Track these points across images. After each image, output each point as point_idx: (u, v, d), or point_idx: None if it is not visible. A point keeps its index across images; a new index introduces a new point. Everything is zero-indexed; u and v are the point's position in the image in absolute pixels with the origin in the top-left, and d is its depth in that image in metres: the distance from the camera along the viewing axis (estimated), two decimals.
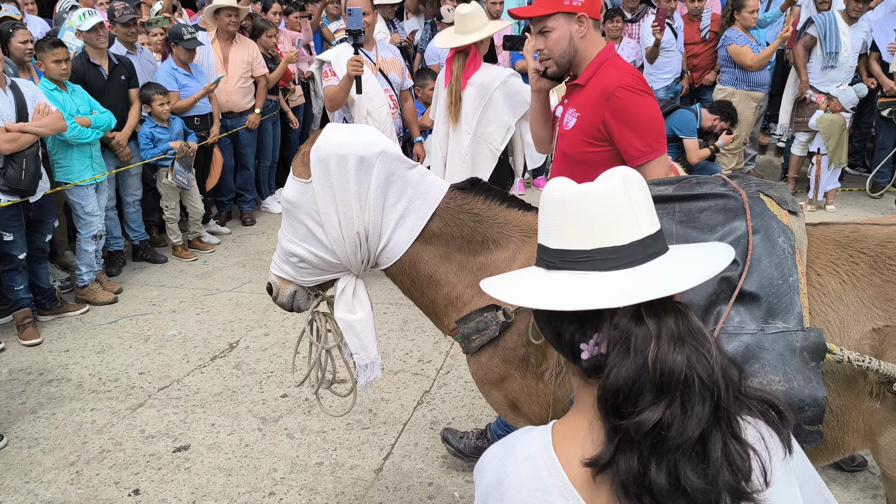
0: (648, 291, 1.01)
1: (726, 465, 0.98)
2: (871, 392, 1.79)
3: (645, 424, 0.97)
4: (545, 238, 1.13)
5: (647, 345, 0.99)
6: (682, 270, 1.07)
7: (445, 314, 2.20)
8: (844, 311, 1.80)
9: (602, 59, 2.53)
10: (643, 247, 1.07)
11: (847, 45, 6.57)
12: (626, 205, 1.07)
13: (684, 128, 5.79)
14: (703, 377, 0.99)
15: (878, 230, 1.88)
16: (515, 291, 1.14)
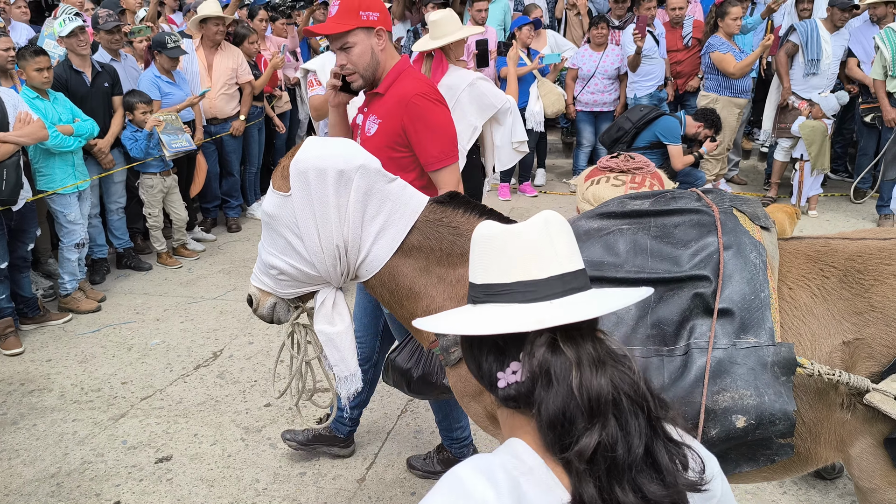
0: (562, 317, 1.05)
1: (679, 468, 1.03)
2: (843, 404, 1.82)
3: (585, 451, 1.00)
4: (472, 275, 1.19)
5: (569, 373, 1.03)
6: (599, 302, 1.11)
7: None
8: (815, 325, 1.82)
9: (399, 69, 2.71)
10: (562, 282, 1.11)
11: (828, 52, 6.64)
12: (545, 242, 1.12)
13: (668, 134, 5.82)
14: (630, 394, 1.03)
15: (847, 244, 1.91)
16: (437, 323, 1.19)
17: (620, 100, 7.67)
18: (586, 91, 7.53)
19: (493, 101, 4.55)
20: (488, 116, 4.62)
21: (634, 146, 5.86)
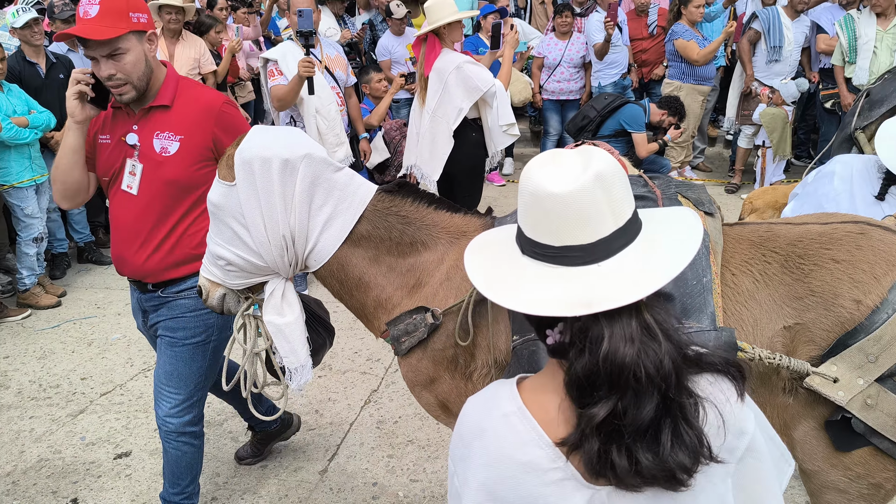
0: (606, 301, 1.08)
1: (678, 447, 1.08)
2: (785, 388, 1.84)
3: (595, 418, 1.08)
4: (522, 222, 1.18)
5: (600, 345, 1.08)
6: (649, 269, 1.12)
7: (375, 316, 2.20)
8: (757, 310, 1.84)
9: (174, 76, 2.50)
10: (610, 242, 1.12)
11: (790, 39, 6.71)
12: (595, 205, 1.11)
13: (633, 122, 5.85)
14: (650, 373, 1.07)
15: (789, 229, 1.93)
16: (488, 282, 1.20)
17: (586, 88, 7.68)
18: (552, 80, 7.53)
19: (479, 85, 4.67)
20: (475, 99, 4.73)
21: (600, 134, 5.90)
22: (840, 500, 1.92)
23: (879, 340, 1.72)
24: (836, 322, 1.76)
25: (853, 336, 1.74)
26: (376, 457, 3.50)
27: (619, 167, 1.14)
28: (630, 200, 1.16)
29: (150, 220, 2.53)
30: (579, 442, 1.10)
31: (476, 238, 1.32)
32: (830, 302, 1.77)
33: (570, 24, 7.36)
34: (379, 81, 6.00)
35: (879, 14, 5.73)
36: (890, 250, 1.80)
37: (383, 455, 3.50)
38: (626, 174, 1.16)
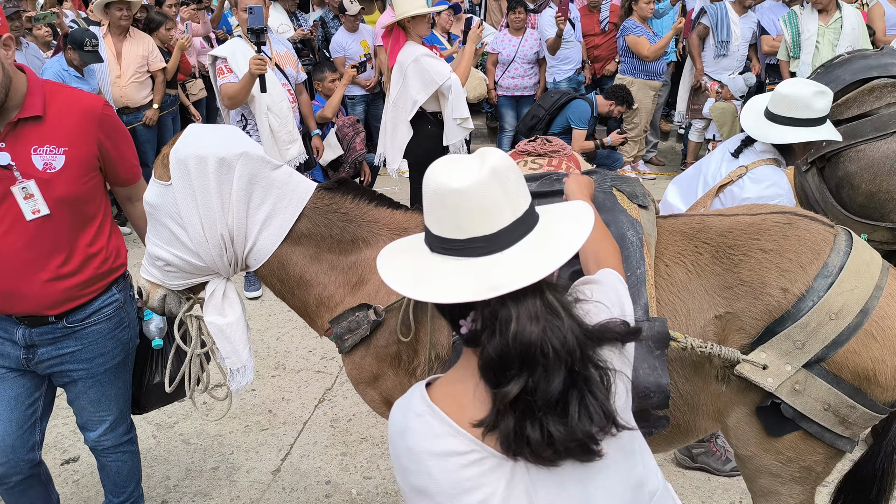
0: (510, 283, 1.16)
1: (585, 417, 1.16)
2: (717, 376, 1.88)
3: (508, 395, 1.15)
4: (428, 222, 1.25)
5: (508, 325, 1.16)
6: (547, 251, 1.21)
7: (318, 315, 2.20)
8: (690, 300, 1.88)
9: (38, 81, 2.20)
10: (512, 229, 1.21)
11: (737, 34, 6.84)
12: (494, 196, 1.19)
13: (575, 118, 5.95)
14: (556, 347, 1.15)
15: (720, 220, 1.97)
16: (401, 279, 1.27)
17: (540, 84, 7.74)
18: (507, 76, 7.56)
19: (435, 78, 4.80)
20: (430, 91, 4.85)
21: (550, 132, 5.95)
22: (773, 484, 1.98)
23: (806, 327, 1.77)
24: (765, 310, 1.81)
25: (781, 324, 1.79)
26: (330, 455, 3.49)
27: (513, 163, 1.23)
28: (525, 194, 1.24)
29: (45, 246, 2.23)
30: (495, 421, 1.17)
31: (387, 245, 1.38)
32: (759, 291, 1.82)
33: (523, 20, 7.40)
34: (332, 81, 5.98)
35: (821, 10, 5.88)
36: (815, 239, 1.86)
37: (337, 453, 3.50)
38: (517, 169, 1.23)
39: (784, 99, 2.83)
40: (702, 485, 3.19)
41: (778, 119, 2.84)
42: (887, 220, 2.85)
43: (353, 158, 6.05)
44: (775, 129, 2.84)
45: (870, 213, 2.89)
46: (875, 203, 2.86)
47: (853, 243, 1.86)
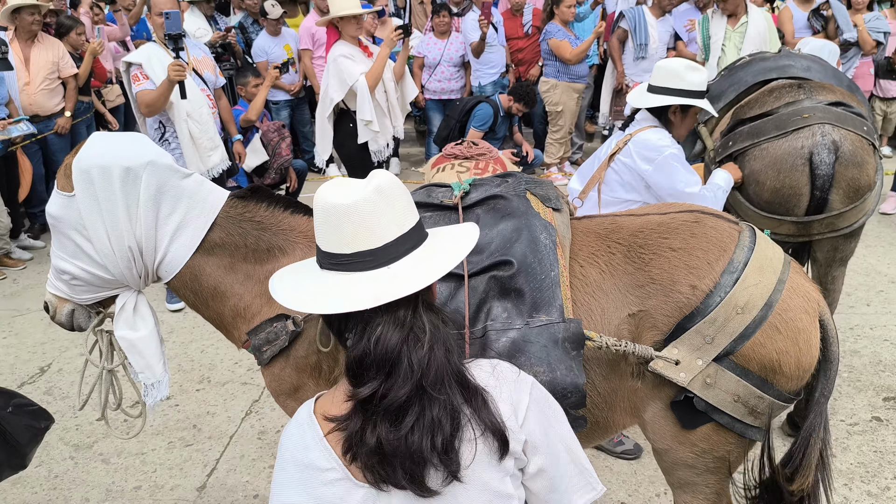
0: (391, 293, 1.21)
1: (418, 434, 1.19)
2: (633, 373, 1.92)
3: (360, 395, 1.21)
4: (318, 239, 1.30)
5: (375, 330, 1.22)
6: (430, 265, 1.27)
7: (235, 326, 2.14)
8: (605, 300, 1.91)
9: None
10: (398, 245, 1.26)
11: (655, 37, 7.04)
12: (379, 212, 1.24)
13: (476, 121, 6.13)
14: (412, 360, 1.20)
15: (632, 220, 2.01)
16: (287, 294, 1.31)
17: (466, 87, 7.78)
18: (433, 79, 7.58)
19: (346, 78, 4.94)
20: (344, 91, 4.98)
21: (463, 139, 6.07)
22: (689, 475, 2.03)
23: (714, 322, 1.82)
24: (676, 307, 1.85)
25: (691, 320, 1.84)
26: (257, 468, 3.41)
27: (399, 183, 1.28)
28: (412, 212, 1.30)
29: None
30: (346, 421, 1.22)
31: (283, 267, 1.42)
32: (669, 288, 1.86)
33: (447, 23, 7.43)
34: (255, 86, 5.88)
35: (730, 14, 6.09)
36: (721, 237, 1.91)
37: (265, 466, 3.42)
38: (405, 190, 1.28)
39: (660, 70, 3.12)
40: (628, 478, 3.25)
41: (655, 89, 3.13)
42: (792, 215, 2.98)
43: (278, 164, 5.96)
44: (653, 96, 3.13)
45: (775, 208, 3.01)
46: (780, 199, 2.99)
47: (756, 239, 1.92)
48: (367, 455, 1.19)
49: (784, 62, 3.39)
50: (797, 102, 3.07)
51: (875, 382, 3.93)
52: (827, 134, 2.93)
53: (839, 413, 3.67)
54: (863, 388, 3.87)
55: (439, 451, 1.19)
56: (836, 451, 3.40)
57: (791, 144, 2.95)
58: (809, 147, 2.92)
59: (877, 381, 3.94)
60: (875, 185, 2.97)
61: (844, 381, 3.94)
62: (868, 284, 5.12)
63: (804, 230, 3.02)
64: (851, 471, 3.26)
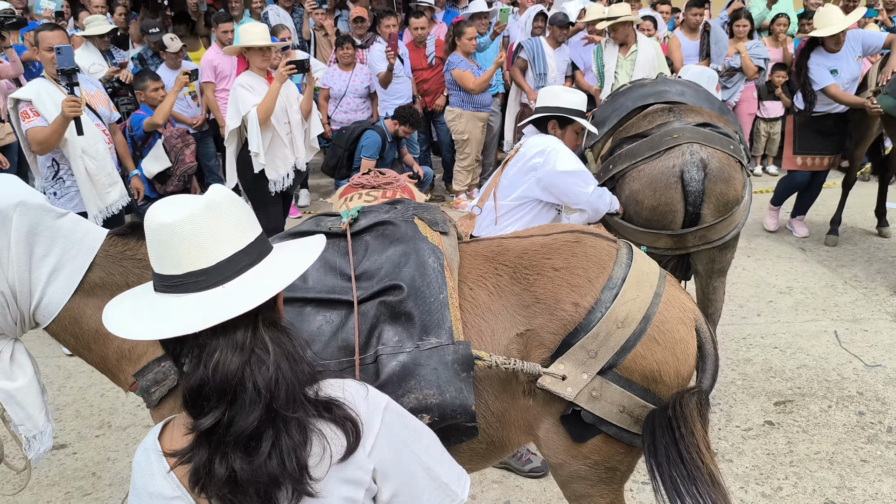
0: (221, 314, 1.15)
1: (274, 458, 1.14)
2: (524, 391, 1.97)
3: (201, 426, 1.14)
4: (151, 260, 1.23)
5: (212, 356, 1.15)
6: (267, 282, 1.21)
7: (120, 369, 2.07)
8: (494, 320, 1.96)
9: None
10: (233, 263, 1.20)
11: (553, 66, 7.29)
12: (211, 229, 1.19)
13: (366, 150, 6.25)
14: (258, 383, 1.14)
15: (518, 242, 2.08)
16: (117, 321, 1.23)
17: (373, 118, 7.84)
18: (339, 110, 7.60)
19: (240, 108, 5.03)
20: (238, 120, 5.07)
21: (354, 166, 6.19)
22: (584, 487, 2.09)
23: (597, 337, 1.89)
24: (560, 325, 1.92)
25: (575, 336, 1.90)
26: None
27: (234, 196, 1.23)
28: (252, 227, 1.24)
29: None
30: (190, 454, 1.16)
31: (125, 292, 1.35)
32: (553, 307, 1.92)
33: (351, 55, 7.48)
34: (155, 90, 5.72)
35: (621, 44, 6.40)
36: (600, 255, 2.00)
37: None
38: (243, 204, 1.24)
39: (541, 93, 3.54)
40: (538, 496, 3.30)
41: (539, 109, 3.53)
42: (668, 229, 3.14)
43: (181, 171, 5.83)
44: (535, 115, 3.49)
45: (654, 224, 3.17)
46: (657, 215, 3.15)
47: (633, 255, 2.02)
48: (217, 487, 1.14)
49: (660, 88, 3.59)
50: (668, 124, 3.26)
51: (767, 388, 4.14)
52: (696, 153, 3.11)
53: (734, 419, 3.84)
54: (756, 395, 4.07)
55: (296, 471, 1.15)
56: (732, 455, 3.55)
57: (664, 164, 3.12)
58: (680, 165, 3.10)
59: (768, 387, 4.15)
60: (743, 199, 3.17)
61: (739, 388, 4.14)
62: (758, 296, 5.40)
63: (681, 243, 3.19)
64: (747, 474, 3.41)
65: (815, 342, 4.66)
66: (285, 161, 5.23)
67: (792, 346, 4.62)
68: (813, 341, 4.67)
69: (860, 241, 6.54)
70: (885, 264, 5.94)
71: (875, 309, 5.14)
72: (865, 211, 7.05)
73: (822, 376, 4.25)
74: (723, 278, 3.44)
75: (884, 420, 3.81)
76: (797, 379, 4.23)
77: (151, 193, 5.68)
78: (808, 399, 4.02)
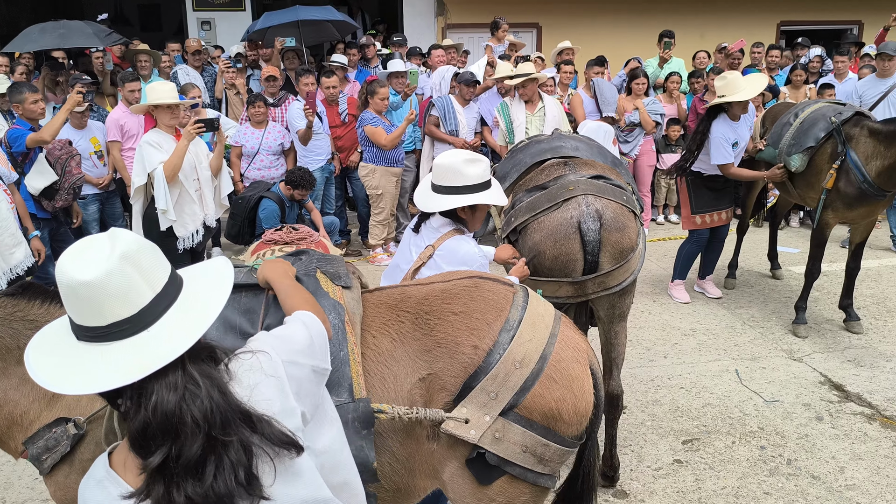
0: (155, 362, 1.22)
1: (220, 479, 1.22)
2: (428, 436, 1.99)
3: (151, 464, 1.21)
4: (69, 311, 1.28)
5: (150, 398, 1.22)
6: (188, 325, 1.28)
7: (10, 436, 1.99)
8: (397, 367, 1.99)
9: None
10: (154, 306, 1.27)
11: (464, 122, 7.52)
12: (130, 280, 1.24)
13: (265, 221, 6.29)
14: (195, 415, 1.22)
15: (418, 289, 2.13)
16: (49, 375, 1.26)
17: None
18: (252, 167, 7.57)
19: (146, 165, 5.04)
20: (144, 177, 5.06)
21: (257, 234, 6.18)
22: None
23: (497, 378, 1.95)
24: (461, 368, 1.96)
25: (476, 378, 1.95)
26: None
27: (143, 243, 1.29)
28: (163, 266, 1.31)
29: None
30: (147, 490, 1.22)
31: (37, 334, 1.36)
32: (454, 350, 1.97)
33: (263, 113, 7.51)
34: (34, 103, 5.51)
35: (527, 101, 6.67)
36: (498, 299, 2.07)
37: None
38: (151, 246, 1.30)
39: (439, 169, 2.94)
40: None
41: (440, 189, 2.93)
42: (569, 277, 3.26)
43: (70, 184, 5.64)
44: (439, 199, 2.92)
45: (556, 273, 3.28)
46: (559, 265, 3.26)
47: (529, 298, 2.10)
48: None
49: (556, 143, 3.77)
50: (564, 177, 3.41)
51: (675, 427, 4.28)
52: (591, 204, 3.26)
53: (645, 460, 3.95)
54: (664, 434, 4.20)
55: (244, 485, 1.24)
56: (644, 496, 3.64)
57: (562, 215, 3.26)
58: (578, 216, 3.24)
59: (676, 427, 4.29)
60: (637, 247, 3.33)
61: (648, 429, 4.26)
62: (664, 339, 5.62)
63: (581, 290, 3.31)
64: None
65: (718, 381, 4.87)
66: (194, 217, 5.21)
67: (697, 385, 4.81)
68: (716, 380, 4.88)
69: (756, 283, 6.91)
70: (779, 304, 6.30)
71: (772, 347, 5.42)
72: (759, 255, 7.48)
73: (726, 413, 4.43)
74: (624, 323, 3.57)
75: (783, 453, 3.99)
76: (703, 417, 4.39)
77: (39, 212, 5.45)
78: (714, 436, 4.18)
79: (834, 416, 4.36)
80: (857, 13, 12.36)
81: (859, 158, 5.15)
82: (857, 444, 4.05)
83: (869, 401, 4.54)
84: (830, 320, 5.89)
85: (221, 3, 11.20)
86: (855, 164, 5.16)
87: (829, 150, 5.40)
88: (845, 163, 5.21)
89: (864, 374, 4.91)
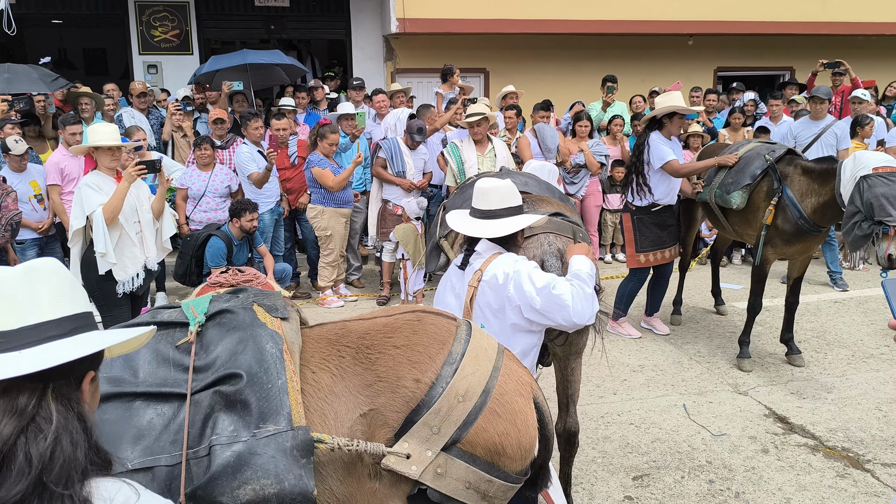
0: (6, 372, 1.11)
1: None
2: (370, 474, 1.94)
3: None
4: None
5: None
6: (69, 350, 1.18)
7: None
8: (337, 403, 1.94)
9: None
10: (38, 331, 1.19)
11: (410, 164, 7.57)
12: (21, 292, 1.19)
13: (211, 260, 6.26)
14: (30, 454, 1.09)
15: (360, 324, 2.10)
16: None
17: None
18: (199, 209, 7.47)
19: (85, 208, 4.93)
20: (83, 220, 4.95)
21: (204, 273, 6.14)
22: None
23: (439, 412, 1.92)
24: (403, 402, 1.93)
25: (418, 412, 1.92)
26: None
27: (60, 269, 1.25)
28: (73, 301, 1.25)
29: None
30: None
31: None
32: (395, 384, 1.94)
33: (210, 155, 7.44)
34: None
35: (477, 142, 6.78)
36: (440, 332, 2.05)
37: None
38: (70, 277, 1.26)
39: (494, 192, 2.92)
40: None
41: (494, 214, 2.91)
42: None
43: (7, 219, 5.48)
44: (499, 223, 2.88)
45: None
46: None
47: (472, 332, 2.08)
48: None
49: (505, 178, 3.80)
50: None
51: (625, 464, 4.28)
52: (552, 243, 3.29)
53: (596, 497, 3.92)
54: (615, 471, 4.20)
55: None
56: None
57: (524, 255, 3.26)
58: (540, 255, 3.26)
59: (626, 463, 4.29)
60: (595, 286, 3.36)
61: (599, 465, 4.25)
62: (614, 375, 5.66)
63: None
64: None
65: (666, 416, 4.90)
66: (134, 261, 5.08)
67: (646, 421, 4.83)
68: (665, 415, 4.91)
69: (701, 319, 7.04)
70: (724, 339, 6.42)
71: (718, 381, 5.50)
72: (704, 292, 7.63)
73: (675, 448, 4.45)
74: (579, 359, 3.58)
75: (731, 486, 4.02)
76: (652, 452, 4.41)
77: None
78: (663, 471, 4.19)
79: (779, 448, 4.42)
80: (788, 60, 12.97)
81: (795, 196, 5.34)
82: (802, 476, 4.10)
83: (812, 432, 4.63)
84: (773, 354, 6.02)
85: (168, 47, 11.15)
86: (791, 200, 5.34)
87: (765, 188, 5.58)
88: (782, 199, 5.40)
89: (806, 406, 5.01)
